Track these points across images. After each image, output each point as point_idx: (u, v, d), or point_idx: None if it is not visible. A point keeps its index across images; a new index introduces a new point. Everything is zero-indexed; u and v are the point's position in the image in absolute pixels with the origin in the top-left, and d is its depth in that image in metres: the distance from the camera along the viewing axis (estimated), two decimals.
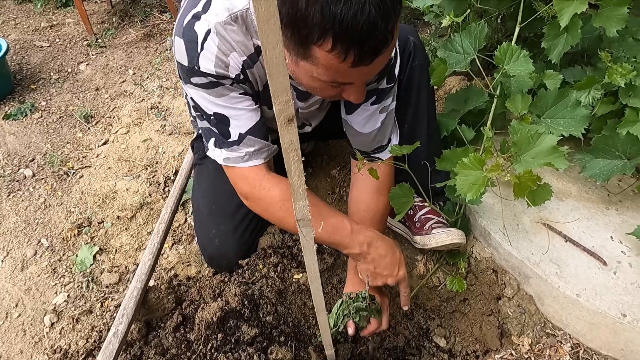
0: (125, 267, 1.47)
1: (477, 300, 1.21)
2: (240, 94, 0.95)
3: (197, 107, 0.97)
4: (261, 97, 1.04)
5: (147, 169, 1.81)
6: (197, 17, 0.88)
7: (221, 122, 0.96)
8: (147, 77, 2.48)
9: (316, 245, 1.34)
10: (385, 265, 1.00)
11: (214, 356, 1.13)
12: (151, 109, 2.17)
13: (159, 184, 1.72)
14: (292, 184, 0.63)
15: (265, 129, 1.02)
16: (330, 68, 0.72)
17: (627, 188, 1.28)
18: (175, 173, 1.76)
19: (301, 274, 1.30)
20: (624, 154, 1.18)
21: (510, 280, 1.17)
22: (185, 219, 1.60)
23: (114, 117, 2.16)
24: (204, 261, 1.43)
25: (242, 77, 0.94)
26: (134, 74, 2.55)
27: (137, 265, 1.46)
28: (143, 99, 2.26)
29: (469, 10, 1.29)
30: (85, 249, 1.50)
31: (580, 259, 1.11)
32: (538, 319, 1.12)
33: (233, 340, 1.15)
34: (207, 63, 0.88)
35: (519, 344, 1.10)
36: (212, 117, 0.96)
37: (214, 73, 0.89)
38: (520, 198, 0.83)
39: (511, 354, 1.09)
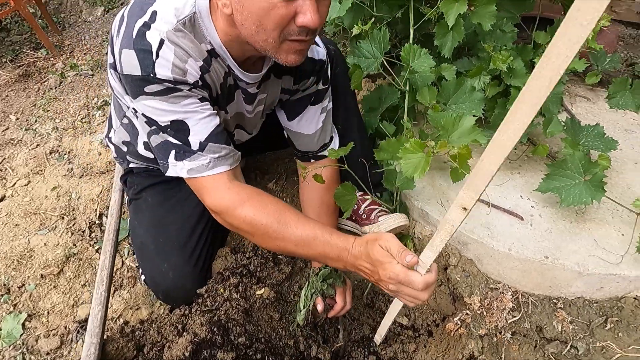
0: (65, 328, 1.32)
1: None
2: (198, 99, 0.93)
3: (150, 121, 0.92)
4: (219, 101, 1.03)
5: (63, 218, 1.65)
6: (147, 26, 0.85)
7: (179, 131, 0.92)
8: (36, 121, 2.25)
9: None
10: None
11: None
12: (50, 153, 1.98)
13: (83, 231, 1.59)
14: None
15: (226, 134, 0.99)
16: None
17: (522, 154, 1.52)
18: (100, 217, 1.63)
19: (263, 289, 1.31)
20: None
21: (453, 250, 1.32)
22: (122, 262, 1.49)
23: (6, 169, 1.92)
24: (156, 299, 1.36)
25: (200, 83, 0.92)
26: (18, 119, 2.29)
27: (79, 323, 1.34)
28: (38, 145, 2.05)
29: (373, 19, 1.42)
30: (9, 319, 1.33)
31: (503, 219, 1.30)
32: (481, 278, 1.28)
33: None
34: (163, 70, 0.86)
35: (470, 304, 1.24)
36: (168, 128, 0.92)
37: (172, 79, 0.87)
38: (463, 168, 0.96)
39: (466, 314, 1.23)
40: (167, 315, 1.30)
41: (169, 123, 0.91)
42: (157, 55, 0.85)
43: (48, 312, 1.36)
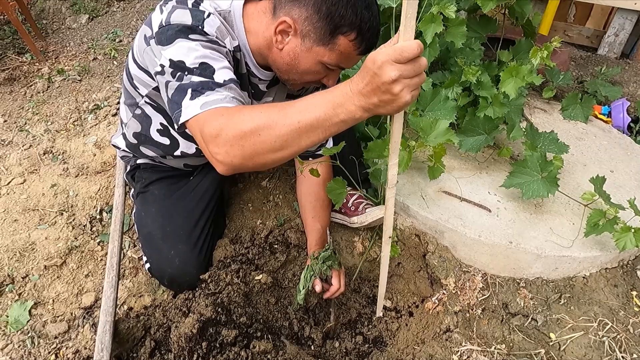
0: (71, 314, 1.40)
1: (408, 261, 1.50)
2: (227, 60, 1.00)
3: (177, 66, 0.92)
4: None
5: (62, 214, 1.72)
6: (197, 3, 1.02)
7: (205, 70, 0.93)
8: (26, 123, 2.30)
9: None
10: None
11: None
12: (44, 154, 2.04)
13: (84, 226, 1.66)
14: None
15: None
16: (344, 53, 0.99)
17: (489, 157, 1.72)
18: (101, 212, 1.71)
19: (261, 275, 1.43)
20: (484, 130, 1.61)
21: (430, 238, 1.48)
22: (124, 255, 1.58)
23: None
24: (159, 287, 1.45)
25: (231, 55, 1.08)
26: (6, 121, 2.33)
27: (85, 309, 1.41)
28: (31, 145, 2.10)
29: None
30: (16, 306, 1.39)
31: (474, 211, 1.48)
32: (455, 262, 1.45)
33: (217, 345, 1.23)
34: (211, 29, 0.99)
35: (447, 285, 1.41)
36: (195, 69, 0.92)
37: (214, 37, 1.00)
38: (437, 164, 1.13)
39: (443, 294, 1.39)
40: (171, 300, 1.40)
41: (197, 64, 0.92)
42: (208, 16, 1.00)
43: (53, 300, 1.43)
